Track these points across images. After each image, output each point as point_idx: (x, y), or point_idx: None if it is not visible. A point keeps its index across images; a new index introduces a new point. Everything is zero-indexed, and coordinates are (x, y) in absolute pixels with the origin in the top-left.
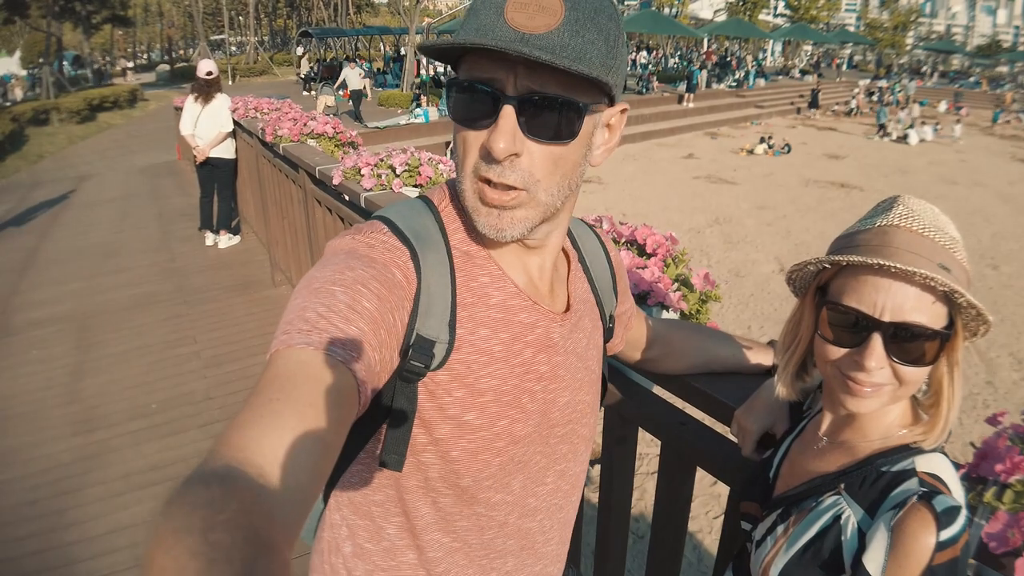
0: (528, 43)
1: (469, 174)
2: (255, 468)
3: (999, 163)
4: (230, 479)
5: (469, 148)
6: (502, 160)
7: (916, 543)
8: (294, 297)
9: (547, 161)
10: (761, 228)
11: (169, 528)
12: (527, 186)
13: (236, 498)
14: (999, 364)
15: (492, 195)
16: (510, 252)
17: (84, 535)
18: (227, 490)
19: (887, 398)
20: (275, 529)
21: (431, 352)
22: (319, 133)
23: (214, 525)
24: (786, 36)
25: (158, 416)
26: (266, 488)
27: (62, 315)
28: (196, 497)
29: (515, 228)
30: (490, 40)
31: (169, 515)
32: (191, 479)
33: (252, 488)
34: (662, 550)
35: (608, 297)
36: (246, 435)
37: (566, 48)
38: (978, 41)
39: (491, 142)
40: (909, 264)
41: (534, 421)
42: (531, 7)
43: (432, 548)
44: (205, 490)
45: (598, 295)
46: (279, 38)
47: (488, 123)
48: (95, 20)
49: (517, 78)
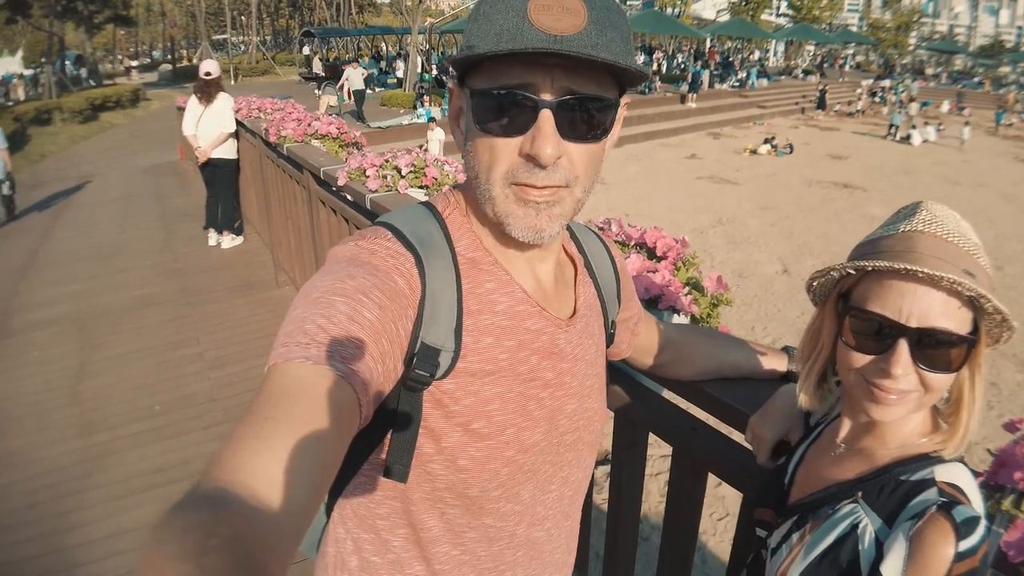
0: (562, 44)
1: (499, 180)
2: (247, 490)
3: (1002, 164)
4: (222, 502)
5: (499, 155)
6: (548, 165)
7: (935, 553)
8: (294, 307)
9: (584, 159)
10: (764, 228)
11: (160, 553)
12: (568, 183)
13: (228, 522)
14: (1003, 366)
15: (535, 193)
16: (518, 257)
17: (85, 539)
18: (219, 514)
19: (912, 405)
20: (267, 553)
21: (436, 361)
22: (323, 134)
23: (206, 550)
24: (789, 36)
25: (160, 418)
26: (259, 511)
27: (63, 316)
28: (187, 521)
29: (553, 226)
30: (521, 44)
31: (160, 539)
32: (183, 502)
33: (244, 511)
34: (673, 556)
35: (612, 303)
36: (240, 456)
37: (597, 47)
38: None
39: (536, 148)
40: (935, 269)
41: (542, 429)
42: (555, 9)
43: (439, 560)
44: (196, 513)
45: (603, 300)
46: (281, 38)
47: (522, 129)
48: (97, 20)
49: (554, 80)
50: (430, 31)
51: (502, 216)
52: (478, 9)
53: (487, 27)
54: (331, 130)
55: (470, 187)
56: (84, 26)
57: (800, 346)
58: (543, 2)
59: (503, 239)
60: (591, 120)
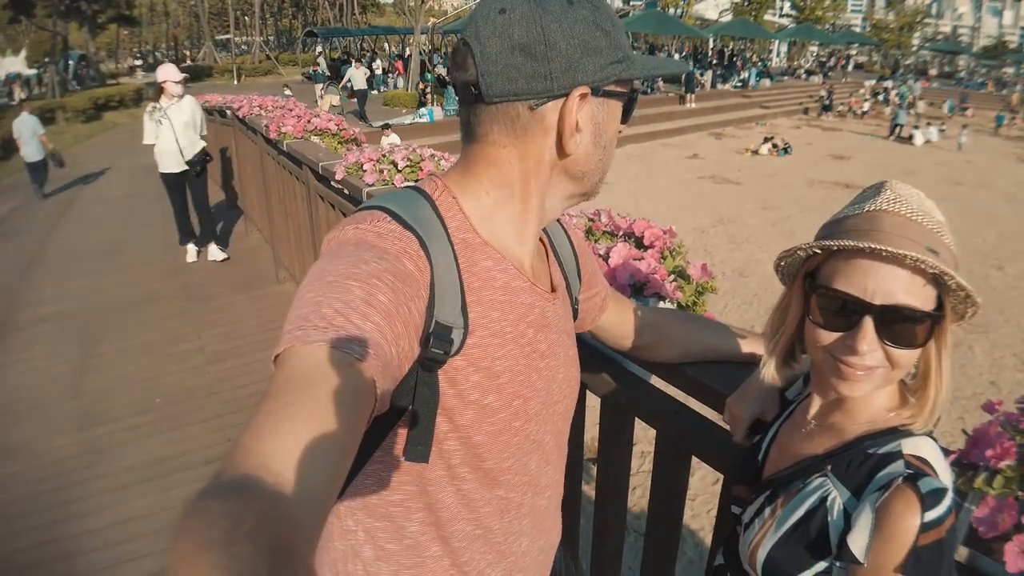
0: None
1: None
2: (272, 475)
3: (1005, 164)
4: (248, 488)
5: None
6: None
7: (900, 524)
8: (305, 289)
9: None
10: (765, 228)
11: (191, 542)
12: None
13: (255, 508)
14: (1003, 364)
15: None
16: (506, 238)
17: (86, 528)
18: (246, 500)
19: (879, 381)
20: (296, 536)
21: (450, 338)
22: (323, 130)
23: (236, 537)
24: (791, 36)
25: (160, 411)
26: (285, 495)
27: (67, 312)
28: (215, 509)
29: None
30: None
31: (189, 528)
32: (209, 490)
33: (271, 496)
34: (658, 538)
35: (573, 278)
36: (264, 441)
37: None
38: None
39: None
40: (899, 247)
41: (541, 398)
42: None
43: (457, 538)
44: (223, 502)
45: (566, 277)
46: (284, 38)
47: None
48: (100, 20)
49: None
50: (432, 31)
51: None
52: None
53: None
54: (330, 126)
55: (475, 179)
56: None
57: (767, 324)
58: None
59: (493, 223)
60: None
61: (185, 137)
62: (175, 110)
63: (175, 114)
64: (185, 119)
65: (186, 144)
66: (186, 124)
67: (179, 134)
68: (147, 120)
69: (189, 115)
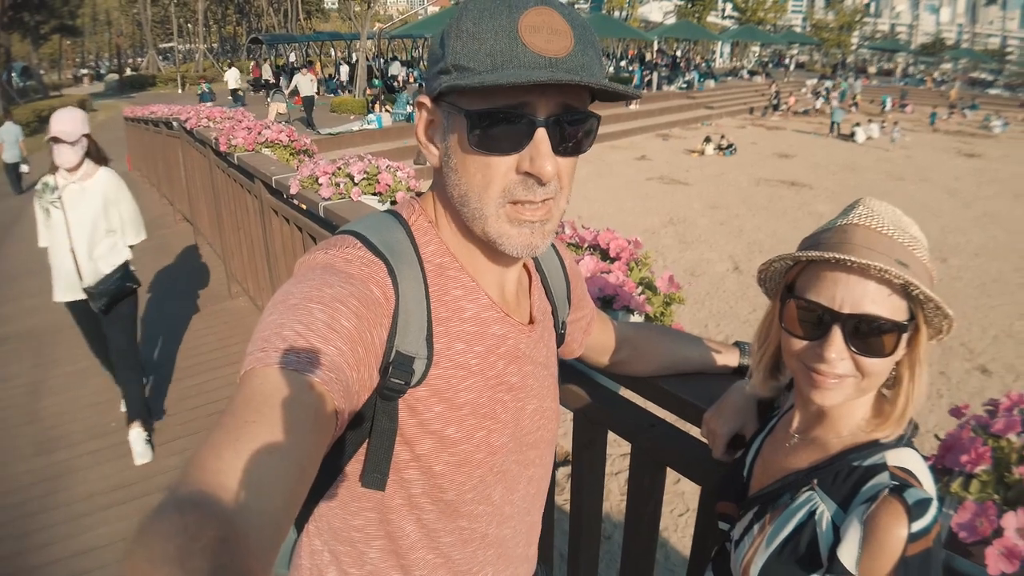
0: (558, 67)
1: (494, 199)
2: (229, 492)
3: (944, 159)
4: (204, 505)
5: (495, 174)
6: (549, 182)
7: (888, 535)
8: (269, 312)
9: (569, 171)
10: (714, 228)
11: (145, 557)
12: (555, 195)
13: (211, 525)
14: (952, 354)
15: (531, 212)
16: (486, 265)
17: (48, 558)
18: (202, 517)
19: (851, 390)
20: (251, 556)
21: (411, 368)
22: (274, 141)
23: (191, 553)
24: (734, 38)
25: (118, 435)
26: (241, 514)
27: (18, 332)
28: (171, 525)
29: (546, 242)
30: (520, 69)
31: (144, 543)
32: (164, 505)
33: (226, 513)
34: (635, 553)
35: (562, 304)
36: (221, 458)
37: (585, 68)
38: (922, 39)
39: (538, 167)
40: (865, 258)
41: (508, 431)
42: (544, 30)
43: (417, 567)
44: (180, 517)
45: (553, 302)
46: (229, 45)
47: (518, 147)
48: (43, 30)
49: (548, 99)
50: (379, 36)
51: (495, 235)
52: (459, 25)
53: (475, 46)
54: (281, 138)
55: (445, 200)
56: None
57: (754, 335)
58: (531, 22)
59: (471, 248)
60: (578, 135)
61: (87, 243)
62: (74, 194)
63: (74, 202)
64: (91, 211)
65: (88, 255)
66: (92, 220)
67: (76, 238)
68: (36, 206)
69: (99, 204)
